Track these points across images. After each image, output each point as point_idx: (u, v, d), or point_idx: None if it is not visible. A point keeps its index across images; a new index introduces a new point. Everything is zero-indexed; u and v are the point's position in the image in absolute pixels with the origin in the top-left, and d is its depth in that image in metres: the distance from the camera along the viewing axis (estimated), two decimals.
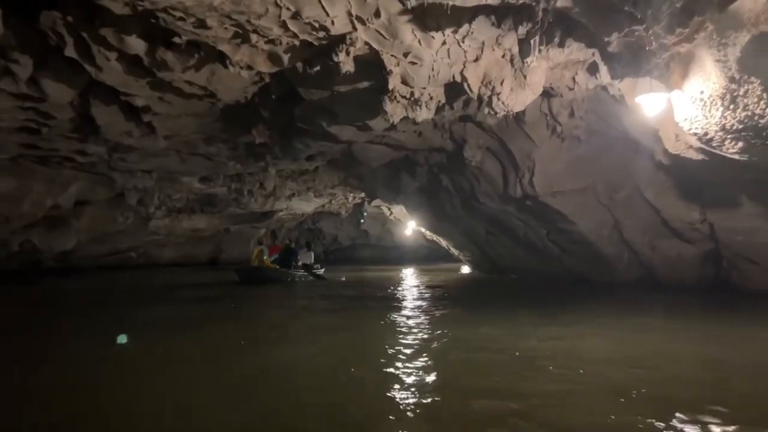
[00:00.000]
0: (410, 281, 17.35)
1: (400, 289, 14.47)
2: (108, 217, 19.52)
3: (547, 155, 11.36)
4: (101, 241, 21.79)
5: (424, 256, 40.68)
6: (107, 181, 16.64)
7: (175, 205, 21.02)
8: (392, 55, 7.91)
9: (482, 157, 12.54)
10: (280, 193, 22.19)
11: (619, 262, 13.07)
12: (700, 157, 8.35)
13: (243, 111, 12.04)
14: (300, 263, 18.67)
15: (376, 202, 23.72)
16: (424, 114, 8.93)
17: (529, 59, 7.48)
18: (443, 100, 8.95)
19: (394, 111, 8.84)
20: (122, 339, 6.42)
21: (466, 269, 24.98)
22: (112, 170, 15.96)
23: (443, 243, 21.85)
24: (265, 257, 17.07)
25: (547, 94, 9.64)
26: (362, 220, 27.43)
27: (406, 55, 7.83)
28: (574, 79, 8.75)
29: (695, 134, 7.10)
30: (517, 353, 5.88)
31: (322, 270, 19.02)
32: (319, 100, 9.99)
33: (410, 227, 24.80)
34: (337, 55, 7.51)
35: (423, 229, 22.34)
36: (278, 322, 8.91)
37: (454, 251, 21.21)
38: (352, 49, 7.48)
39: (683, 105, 6.98)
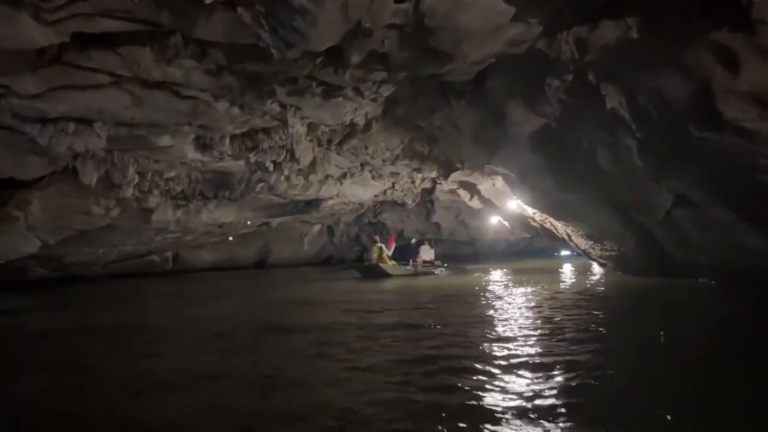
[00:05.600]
0: (516, 296, 8.96)
1: (508, 317, 6.26)
2: (73, 206, 12.09)
3: None
4: (89, 242, 14.52)
5: (502, 251, 32.09)
6: (29, 143, 9.12)
7: (173, 188, 13.35)
8: None
9: None
10: (322, 169, 14.23)
11: None
12: None
13: None
14: (421, 260, 17.61)
15: (453, 177, 15.34)
16: None
17: None
18: None
19: None
20: None
21: (568, 268, 16.38)
22: (22, 121, 8.41)
23: (561, 229, 13.13)
24: (384, 254, 16.16)
25: None
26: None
27: None
28: None
29: None
30: None
31: (444, 266, 17.37)
32: None
33: (506, 209, 15.93)
34: None
35: (532, 211, 13.68)
36: None
37: (582, 242, 12.41)
38: None
39: None
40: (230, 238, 20.40)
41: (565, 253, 29.64)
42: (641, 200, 8.56)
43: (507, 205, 15.14)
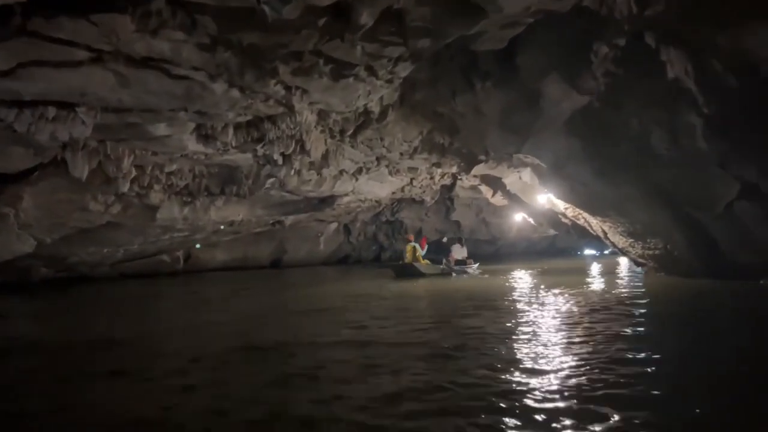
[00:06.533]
0: (560, 304, 7.70)
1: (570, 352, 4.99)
2: (69, 202, 11.18)
3: None
4: (92, 241, 13.65)
5: (523, 251, 30.81)
6: (8, 132, 8.14)
7: (176, 183, 12.36)
8: None
9: None
10: (335, 163, 13.16)
11: None
12: None
13: None
14: (453, 259, 16.92)
15: (476, 171, 14.10)
16: None
17: None
18: None
19: None
20: None
21: (598, 268, 15.20)
22: None
23: (597, 226, 11.80)
24: (418, 254, 15.80)
25: None
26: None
27: None
28: None
29: None
30: None
31: (476, 265, 16.89)
32: None
33: (534, 204, 14.48)
34: None
35: (564, 206, 12.37)
36: None
37: (620, 240, 11.03)
38: None
39: None
40: (197, 246, 19.27)
41: (588, 252, 28.29)
42: (698, 190, 7.28)
43: (536, 200, 13.84)
